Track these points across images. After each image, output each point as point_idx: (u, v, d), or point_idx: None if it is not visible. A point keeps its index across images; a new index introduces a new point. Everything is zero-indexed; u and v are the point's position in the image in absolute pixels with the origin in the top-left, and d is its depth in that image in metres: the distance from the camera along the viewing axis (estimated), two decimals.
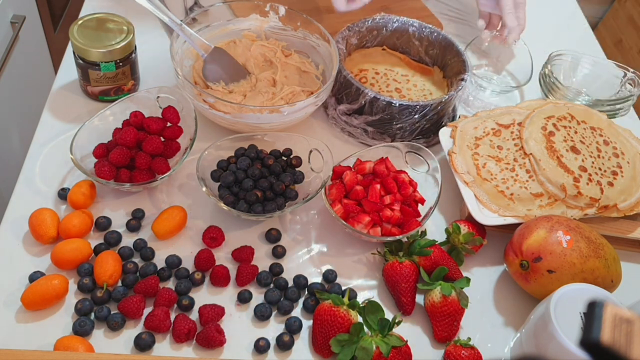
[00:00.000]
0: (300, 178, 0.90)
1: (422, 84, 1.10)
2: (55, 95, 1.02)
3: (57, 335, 0.73)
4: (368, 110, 0.98)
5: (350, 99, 0.99)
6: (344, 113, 1.01)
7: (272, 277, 0.83)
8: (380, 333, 0.75)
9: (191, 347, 0.76)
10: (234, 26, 1.08)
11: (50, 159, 0.93)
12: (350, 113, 1.00)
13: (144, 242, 0.84)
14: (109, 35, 0.95)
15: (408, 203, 0.88)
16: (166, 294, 0.78)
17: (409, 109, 0.96)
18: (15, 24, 1.30)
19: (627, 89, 1.09)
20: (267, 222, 0.90)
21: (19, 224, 0.84)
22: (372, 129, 0.99)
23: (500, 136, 0.96)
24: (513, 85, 1.15)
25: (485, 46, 1.17)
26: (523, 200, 0.90)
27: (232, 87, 1.01)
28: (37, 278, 0.77)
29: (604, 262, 0.81)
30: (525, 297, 0.86)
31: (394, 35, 1.11)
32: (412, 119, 0.97)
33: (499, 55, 1.17)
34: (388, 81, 1.09)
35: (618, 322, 0.50)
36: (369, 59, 1.12)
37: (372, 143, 1.00)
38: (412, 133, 1.00)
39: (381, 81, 1.08)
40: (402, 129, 0.99)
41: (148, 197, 0.90)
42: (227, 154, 0.91)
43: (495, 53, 1.18)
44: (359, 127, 1.00)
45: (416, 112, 0.96)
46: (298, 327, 0.79)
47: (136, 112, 0.91)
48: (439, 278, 0.82)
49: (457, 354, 0.76)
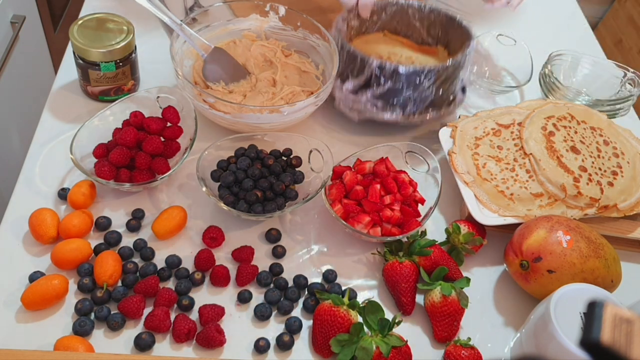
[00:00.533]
0: (300, 178, 0.90)
1: (427, 63, 1.10)
2: (55, 95, 1.02)
3: (57, 335, 0.73)
4: (375, 82, 0.96)
5: (356, 72, 0.97)
6: (351, 91, 0.99)
7: (272, 277, 0.83)
8: (380, 333, 0.75)
9: (191, 347, 0.76)
10: (234, 26, 1.08)
11: (50, 159, 0.93)
12: (357, 90, 0.99)
13: (144, 242, 0.84)
14: (109, 35, 0.95)
15: (408, 203, 0.88)
16: (166, 294, 0.78)
17: (417, 74, 0.95)
18: (15, 24, 1.30)
19: (627, 89, 1.09)
20: (267, 222, 0.90)
21: (19, 224, 0.84)
22: (382, 102, 0.98)
23: (500, 136, 0.96)
24: (513, 85, 1.15)
25: (485, 46, 1.17)
26: (523, 200, 0.90)
27: (232, 87, 1.01)
28: (37, 278, 0.77)
29: (604, 262, 0.81)
30: (525, 297, 0.86)
31: (394, 19, 1.10)
32: (421, 86, 0.96)
33: (499, 56, 1.17)
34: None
35: (618, 322, 0.50)
36: (371, 45, 1.10)
37: (384, 117, 0.99)
38: (423, 103, 0.98)
39: None
40: (412, 98, 0.97)
41: (148, 197, 0.90)
42: (227, 154, 0.91)
43: (495, 53, 1.18)
44: (369, 102, 0.98)
45: (425, 76, 0.95)
46: (298, 327, 0.79)
47: (136, 112, 0.91)
48: (439, 278, 0.82)
49: (457, 354, 0.76)
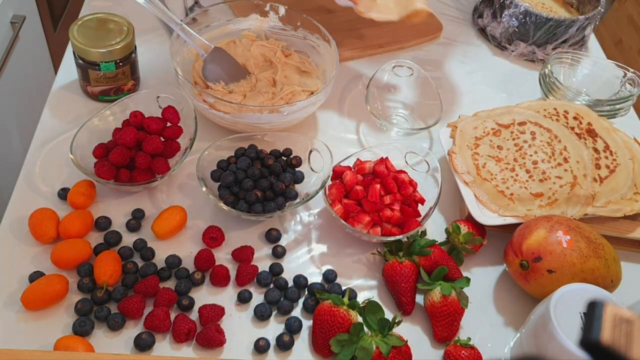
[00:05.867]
0: (300, 178, 0.90)
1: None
2: (55, 95, 1.02)
3: (57, 335, 0.73)
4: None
5: None
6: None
7: (272, 277, 0.83)
8: (380, 333, 0.75)
9: (191, 347, 0.76)
10: (234, 26, 1.08)
11: (50, 159, 0.93)
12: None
13: (144, 242, 0.84)
14: (109, 35, 0.95)
15: (408, 203, 0.88)
16: (166, 294, 0.78)
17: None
18: (15, 24, 1.30)
19: (627, 89, 1.09)
20: (267, 222, 0.90)
21: (19, 224, 0.84)
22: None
23: (500, 136, 0.96)
24: (422, 126, 1.03)
25: (393, 79, 1.08)
26: (523, 200, 0.90)
27: (232, 87, 1.01)
28: (37, 278, 0.77)
29: (604, 262, 0.81)
30: (525, 297, 0.86)
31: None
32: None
33: (410, 92, 1.09)
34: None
35: (618, 322, 0.50)
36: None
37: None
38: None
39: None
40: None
41: (148, 197, 0.90)
42: (227, 154, 0.91)
43: (406, 88, 1.09)
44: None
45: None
46: (298, 327, 0.79)
47: (136, 112, 0.91)
48: (439, 278, 0.82)
49: (457, 354, 0.76)
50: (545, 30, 1.17)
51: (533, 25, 1.17)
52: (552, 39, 1.19)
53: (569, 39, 1.19)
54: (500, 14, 1.21)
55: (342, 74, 1.13)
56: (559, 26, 1.16)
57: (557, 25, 1.16)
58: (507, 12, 1.19)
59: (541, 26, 1.17)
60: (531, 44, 1.20)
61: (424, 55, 1.21)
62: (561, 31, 1.17)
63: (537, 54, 1.21)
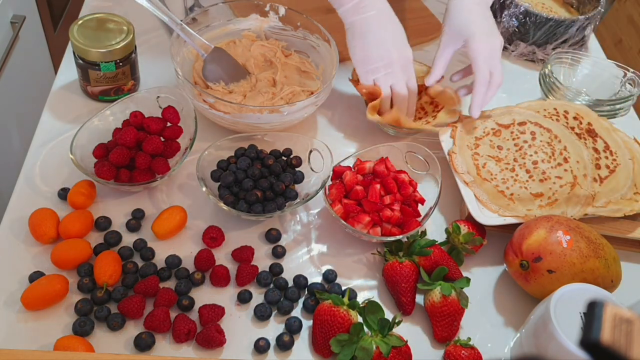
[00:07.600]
0: (300, 178, 0.90)
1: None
2: (55, 95, 1.02)
3: (57, 335, 0.73)
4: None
5: None
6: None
7: (272, 277, 0.83)
8: (380, 333, 0.75)
9: (191, 347, 0.76)
10: (234, 26, 1.08)
11: (50, 159, 0.93)
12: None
13: (144, 242, 0.84)
14: (109, 35, 0.95)
15: (408, 203, 0.88)
16: (166, 294, 0.78)
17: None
18: (15, 24, 1.30)
19: (627, 89, 1.09)
20: (267, 222, 0.90)
21: (19, 224, 0.84)
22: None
23: (500, 136, 0.96)
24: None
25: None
26: (523, 200, 0.90)
27: (232, 87, 1.01)
28: (37, 278, 0.77)
29: (604, 262, 0.81)
30: (525, 297, 0.86)
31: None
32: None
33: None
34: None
35: (618, 322, 0.50)
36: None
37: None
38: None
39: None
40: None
41: (148, 197, 0.90)
42: (227, 154, 0.91)
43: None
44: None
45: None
46: (298, 327, 0.79)
47: (136, 112, 0.91)
48: (439, 278, 0.82)
49: (457, 354, 0.76)
50: (545, 30, 1.17)
51: (533, 25, 1.17)
52: (552, 39, 1.19)
53: (569, 39, 1.19)
54: (500, 14, 1.21)
55: (342, 74, 1.13)
56: (559, 26, 1.16)
57: (557, 25, 1.16)
58: (507, 12, 1.19)
59: (541, 26, 1.17)
60: (531, 44, 1.20)
61: (424, 55, 1.21)
62: (561, 31, 1.17)
63: (537, 54, 1.21)
